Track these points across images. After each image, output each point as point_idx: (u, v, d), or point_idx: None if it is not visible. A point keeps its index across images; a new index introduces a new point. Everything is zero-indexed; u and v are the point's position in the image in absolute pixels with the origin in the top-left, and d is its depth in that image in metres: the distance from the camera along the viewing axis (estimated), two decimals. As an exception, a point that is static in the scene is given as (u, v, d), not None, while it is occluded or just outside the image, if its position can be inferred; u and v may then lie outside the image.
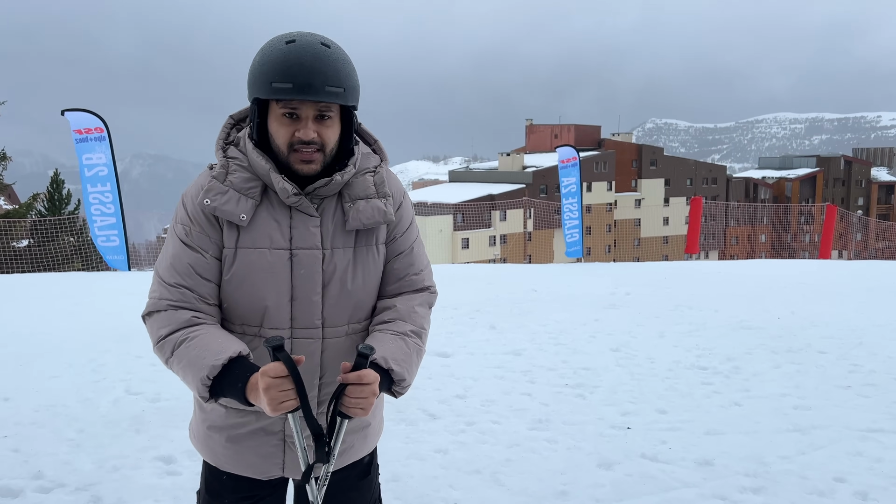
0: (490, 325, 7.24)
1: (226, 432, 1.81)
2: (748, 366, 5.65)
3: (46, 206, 22.05)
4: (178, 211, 1.76)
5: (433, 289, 1.93)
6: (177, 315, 1.69)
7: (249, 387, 1.58)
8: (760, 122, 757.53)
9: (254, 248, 1.70)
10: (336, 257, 1.74)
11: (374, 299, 1.85)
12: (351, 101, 1.68)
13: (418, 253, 1.91)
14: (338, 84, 1.62)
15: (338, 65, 1.62)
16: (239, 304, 1.74)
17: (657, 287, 9.90)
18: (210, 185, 1.70)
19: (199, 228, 1.71)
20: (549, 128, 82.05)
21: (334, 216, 1.75)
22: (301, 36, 1.63)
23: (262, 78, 1.61)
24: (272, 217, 1.71)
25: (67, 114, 12.48)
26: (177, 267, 1.71)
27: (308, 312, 1.73)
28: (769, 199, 78.84)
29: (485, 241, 59.75)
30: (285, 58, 1.59)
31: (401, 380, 1.72)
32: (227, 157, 1.74)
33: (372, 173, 1.80)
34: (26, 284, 11.02)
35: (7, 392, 5.05)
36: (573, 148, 16.06)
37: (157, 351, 1.71)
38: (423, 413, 4.61)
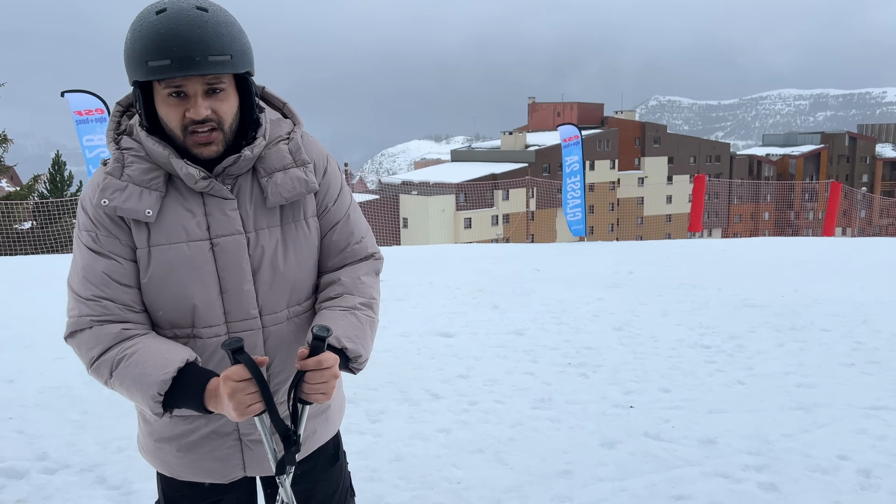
0: (493, 304, 7.23)
1: (176, 442, 1.68)
2: (751, 344, 5.64)
3: (48, 188, 22.05)
4: (80, 216, 1.58)
5: (378, 255, 1.80)
6: (103, 331, 1.53)
7: (208, 394, 1.48)
8: (764, 98, 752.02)
9: (168, 243, 1.55)
10: (262, 239, 1.60)
11: (313, 278, 1.72)
12: (242, 68, 1.49)
13: (356, 220, 1.77)
14: (222, 51, 1.43)
15: (219, 29, 1.44)
16: (165, 307, 1.58)
17: (660, 266, 9.88)
18: (105, 182, 1.52)
19: (106, 232, 1.54)
20: (552, 106, 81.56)
21: (252, 195, 1.60)
22: (172, 3, 1.43)
23: (137, 57, 1.43)
24: (183, 207, 1.55)
25: (67, 95, 12.41)
26: (90, 278, 1.54)
27: (241, 303, 1.60)
28: (773, 177, 78.51)
29: (487, 220, 59.68)
30: (157, 31, 1.41)
31: (357, 356, 1.62)
32: (120, 150, 1.56)
33: (286, 141, 1.64)
34: (29, 266, 11.05)
35: (11, 374, 5.08)
36: (575, 126, 15.97)
37: (92, 373, 1.56)
38: (426, 393, 4.61)
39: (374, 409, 4.33)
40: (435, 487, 3.37)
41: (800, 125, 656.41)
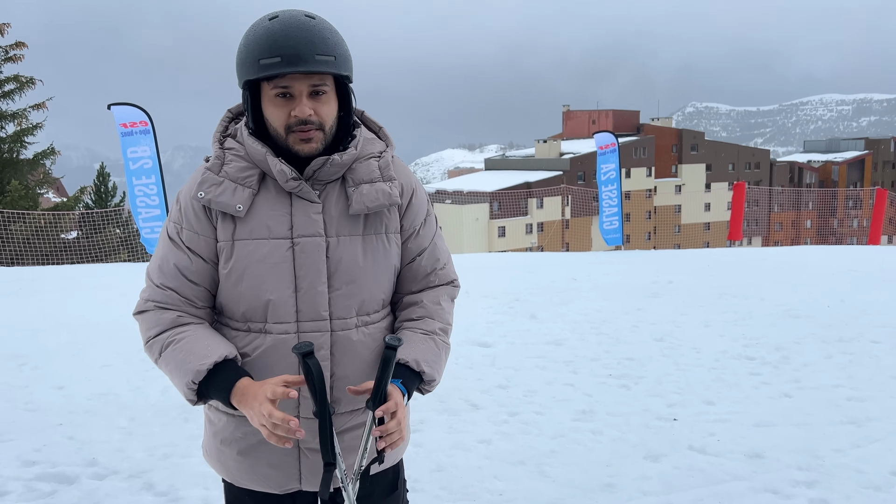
0: (530, 314, 7.20)
1: (236, 445, 1.73)
2: (798, 356, 5.51)
3: (93, 199, 22.65)
4: (172, 209, 1.71)
5: (457, 282, 1.88)
6: (163, 315, 1.66)
7: (235, 391, 1.56)
8: (805, 104, 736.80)
9: (251, 238, 1.63)
10: (342, 245, 1.67)
11: (386, 292, 1.77)
12: (344, 71, 1.60)
13: (441, 247, 1.85)
14: (327, 52, 1.55)
15: (325, 33, 1.57)
16: (241, 299, 1.67)
17: (700, 275, 9.72)
18: (204, 177, 1.65)
19: (190, 226, 1.66)
20: (587, 113, 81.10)
21: (337, 202, 1.67)
22: (283, 11, 1.58)
23: (249, 58, 1.56)
24: (270, 206, 1.64)
25: (113, 108, 12.74)
26: (164, 268, 1.67)
27: (314, 304, 1.65)
28: (815, 184, 76.77)
29: (521, 229, 59.48)
30: (270, 33, 1.54)
31: (431, 380, 1.72)
32: (223, 149, 1.69)
33: (377, 158, 1.73)
34: (75, 275, 11.34)
35: (61, 381, 5.21)
36: (611, 134, 15.85)
37: (146, 351, 1.69)
38: (465, 403, 4.60)
39: (414, 419, 4.33)
40: (477, 499, 3.36)
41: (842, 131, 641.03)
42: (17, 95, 20.18)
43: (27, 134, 20.30)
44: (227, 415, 1.74)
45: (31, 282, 10.46)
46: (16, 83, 20.09)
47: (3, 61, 20.14)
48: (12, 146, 20.25)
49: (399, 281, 1.81)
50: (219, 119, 1.77)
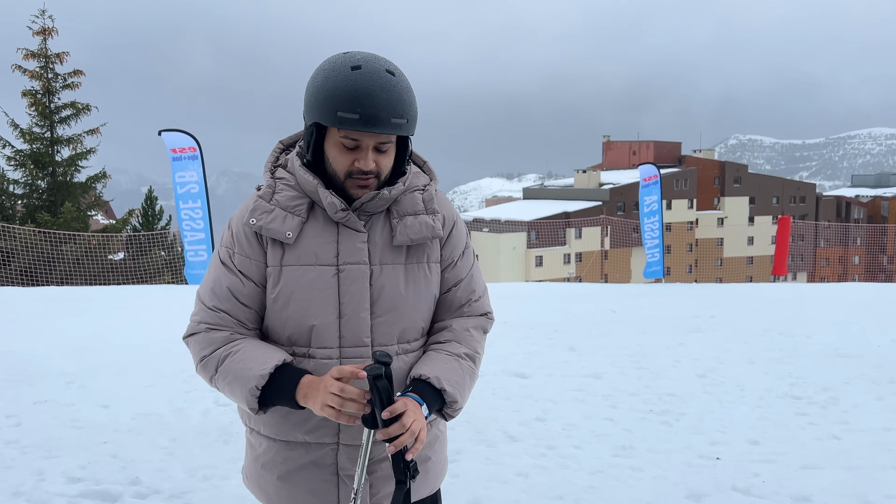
0: (569, 346, 7.13)
1: (276, 470, 1.76)
2: (846, 396, 5.34)
3: (141, 222, 23.28)
4: (224, 234, 1.77)
5: (491, 315, 1.90)
6: (215, 335, 1.71)
7: (302, 386, 1.60)
8: (853, 137, 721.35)
9: (299, 265, 1.68)
10: (385, 273, 1.71)
11: (425, 320, 1.81)
12: (412, 132, 1.67)
13: (477, 279, 1.89)
14: (402, 115, 1.60)
15: (403, 94, 1.61)
16: (287, 324, 1.71)
17: (744, 310, 9.53)
18: (256, 204, 1.71)
19: (241, 251, 1.71)
20: (627, 144, 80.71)
21: (382, 232, 1.73)
22: (366, 61, 1.60)
23: (327, 105, 1.59)
24: (318, 234, 1.70)
25: (164, 134, 13.16)
26: (216, 291, 1.72)
27: (356, 330, 1.69)
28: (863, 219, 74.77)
29: (559, 258, 59.09)
30: (352, 87, 1.56)
31: (453, 401, 1.69)
32: (274, 178, 1.75)
33: (421, 191, 1.78)
34: (122, 296, 11.64)
35: (106, 399, 5.33)
36: (654, 166, 15.75)
37: (200, 371, 1.72)
38: (502, 435, 4.56)
39: (451, 449, 4.31)
40: (514, 533, 3.31)
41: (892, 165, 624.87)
42: (74, 121, 20.97)
43: (81, 158, 21.06)
44: (268, 439, 1.77)
45: (79, 301, 10.77)
46: (72, 109, 20.89)
47: (61, 88, 20.98)
48: (67, 169, 21.01)
49: (435, 310, 1.84)
50: (264, 147, 1.82)
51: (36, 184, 21.04)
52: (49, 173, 20.93)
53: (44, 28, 20.67)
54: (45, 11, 20.74)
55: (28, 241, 16.70)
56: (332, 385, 1.53)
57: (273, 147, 1.83)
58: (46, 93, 20.79)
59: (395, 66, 1.64)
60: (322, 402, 1.54)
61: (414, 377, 1.69)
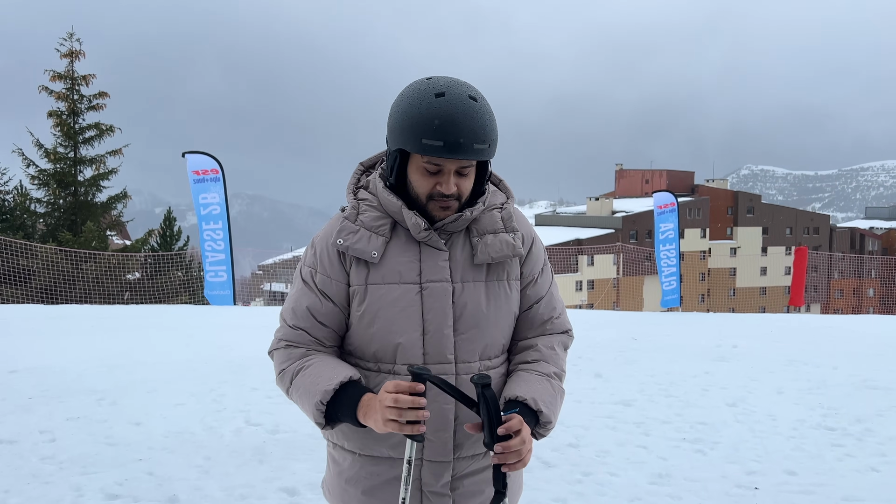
0: (595, 372, 7.10)
1: (361, 485, 1.78)
2: (881, 429, 5.29)
3: (159, 242, 23.47)
4: (307, 253, 1.80)
5: (571, 332, 1.92)
6: (293, 351, 1.76)
7: (361, 405, 1.60)
8: (866, 169, 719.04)
9: (384, 283, 1.72)
10: (467, 291, 1.74)
11: (506, 337, 1.83)
12: (493, 156, 1.70)
13: (556, 296, 1.90)
14: (484, 140, 1.63)
15: (485, 120, 1.63)
16: (372, 340, 1.74)
17: (765, 340, 9.46)
18: (342, 225, 1.74)
19: (324, 270, 1.75)
20: (640, 173, 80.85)
21: (463, 250, 1.76)
22: (449, 88, 1.63)
23: (412, 132, 1.62)
24: (401, 252, 1.73)
25: (187, 156, 13.34)
26: (297, 310, 1.77)
27: (440, 346, 1.71)
28: (878, 251, 74.21)
29: (571, 285, 58.90)
30: (436, 114, 1.59)
31: (547, 422, 1.70)
32: (357, 200, 1.79)
33: (499, 209, 1.82)
34: (144, 314, 11.71)
35: (138, 417, 5.35)
36: (671, 194, 15.77)
37: (279, 383, 1.77)
38: (537, 460, 4.54)
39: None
40: (556, 559, 3.29)
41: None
42: (97, 142, 21.29)
43: (103, 178, 21.34)
44: (352, 454, 1.79)
45: (101, 319, 10.84)
46: (96, 130, 21.22)
47: (86, 109, 21.34)
48: (89, 189, 21.28)
49: (516, 328, 1.86)
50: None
51: (58, 203, 21.31)
52: (71, 193, 21.21)
53: (71, 50, 21.09)
54: (73, 34, 21.18)
55: (49, 260, 16.87)
56: (386, 398, 1.54)
57: (354, 169, 1.88)
58: (71, 114, 21.15)
59: (477, 91, 1.66)
60: (382, 418, 1.54)
61: (509, 398, 1.69)
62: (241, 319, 10.93)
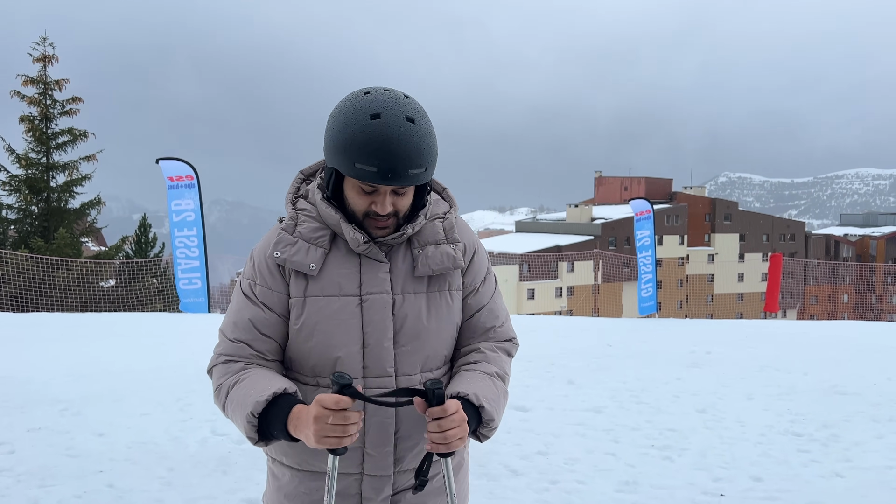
0: (567, 379, 7.10)
1: (300, 500, 1.74)
2: (847, 434, 5.34)
3: (133, 249, 23.18)
4: (246, 266, 1.76)
5: (516, 340, 1.89)
6: (232, 366, 1.70)
7: (292, 417, 1.53)
8: (841, 177, 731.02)
9: (322, 295, 1.68)
10: (407, 303, 1.71)
11: (448, 349, 1.80)
12: (430, 177, 1.64)
13: (499, 304, 1.88)
14: (420, 165, 1.58)
15: (422, 144, 1.57)
16: (311, 354, 1.70)
17: (739, 346, 9.54)
18: (280, 237, 1.70)
19: (264, 282, 1.70)
20: (619, 180, 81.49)
21: (403, 261, 1.73)
22: (386, 108, 1.55)
23: (345, 155, 1.57)
24: (341, 264, 1.69)
25: (161, 162, 13.19)
26: (238, 323, 1.72)
27: (380, 359, 1.68)
28: (852, 258, 75.41)
29: (551, 292, 59.13)
30: (369, 138, 1.53)
31: (490, 419, 1.66)
32: (296, 210, 1.75)
33: (441, 219, 1.78)
34: (116, 322, 11.54)
35: (102, 427, 5.25)
36: (647, 201, 15.88)
37: (215, 400, 1.71)
38: (504, 468, 4.52)
39: (453, 483, 4.26)
40: (520, 569, 3.26)
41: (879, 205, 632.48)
42: (70, 147, 21.00)
43: (76, 184, 21.02)
44: (290, 469, 1.75)
45: (72, 328, 10.67)
46: (69, 135, 20.93)
47: (59, 115, 21.04)
48: (61, 195, 20.96)
49: (458, 336, 1.83)
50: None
51: (30, 209, 20.97)
52: (43, 199, 20.87)
53: (44, 55, 20.80)
54: (45, 38, 20.90)
55: (20, 267, 16.58)
56: (313, 407, 1.48)
57: (293, 178, 1.83)
58: (44, 119, 20.84)
59: (416, 109, 1.59)
60: (312, 429, 1.47)
61: (450, 395, 1.65)
62: (214, 327, 10.70)
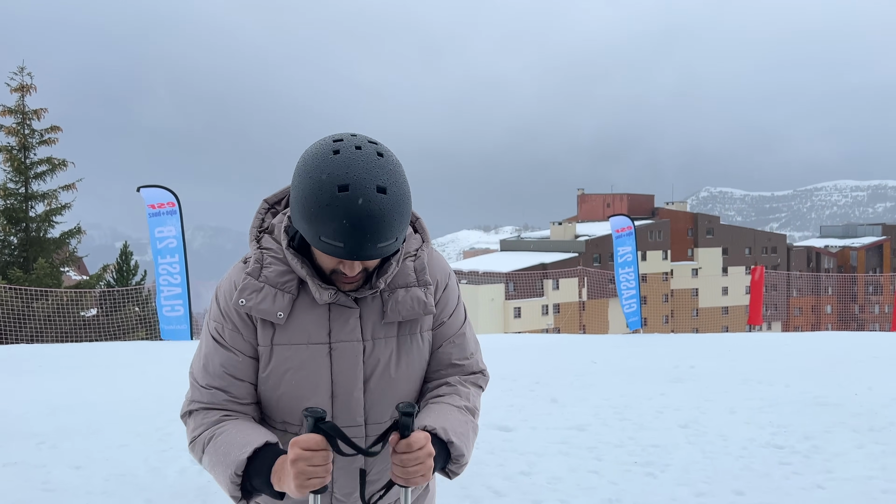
0: (551, 398, 7.09)
1: None
2: (828, 445, 5.36)
3: (115, 277, 22.96)
4: (212, 306, 1.68)
5: (486, 372, 1.84)
6: (208, 416, 1.62)
7: (275, 470, 1.47)
8: (820, 189, 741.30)
9: (290, 344, 1.61)
10: (377, 348, 1.65)
11: (418, 388, 1.75)
12: (400, 245, 1.52)
13: (469, 336, 1.81)
14: (391, 238, 1.46)
15: (393, 216, 1.44)
16: (279, 404, 1.65)
17: (722, 360, 9.59)
18: (245, 283, 1.60)
19: (232, 326, 1.63)
20: (602, 197, 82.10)
21: (372, 306, 1.65)
22: (355, 179, 1.41)
23: (310, 226, 1.45)
24: (309, 311, 1.61)
25: (142, 190, 13.13)
26: (209, 368, 1.64)
27: (349, 410, 1.64)
28: (833, 269, 76.27)
29: (537, 310, 59.18)
30: (336, 212, 1.40)
31: (459, 455, 1.60)
32: (261, 249, 1.64)
33: (413, 258, 1.69)
34: (95, 353, 11.39)
35: (79, 460, 5.16)
36: (627, 217, 16.01)
37: (191, 452, 1.64)
38: (487, 490, 4.49)
39: (436, 506, 4.23)
40: (502, 592, 3.24)
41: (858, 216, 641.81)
42: (49, 176, 20.85)
43: (56, 213, 20.85)
44: None
45: (51, 359, 10.51)
46: (48, 165, 20.79)
47: (37, 144, 20.92)
48: (41, 225, 20.77)
49: (427, 369, 1.77)
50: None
51: (8, 239, 20.74)
52: (22, 229, 20.67)
53: (22, 84, 20.72)
54: (23, 69, 20.83)
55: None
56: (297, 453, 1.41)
57: (257, 208, 1.71)
58: (22, 148, 20.70)
59: (388, 172, 1.45)
60: (297, 479, 1.40)
61: (419, 427, 1.60)
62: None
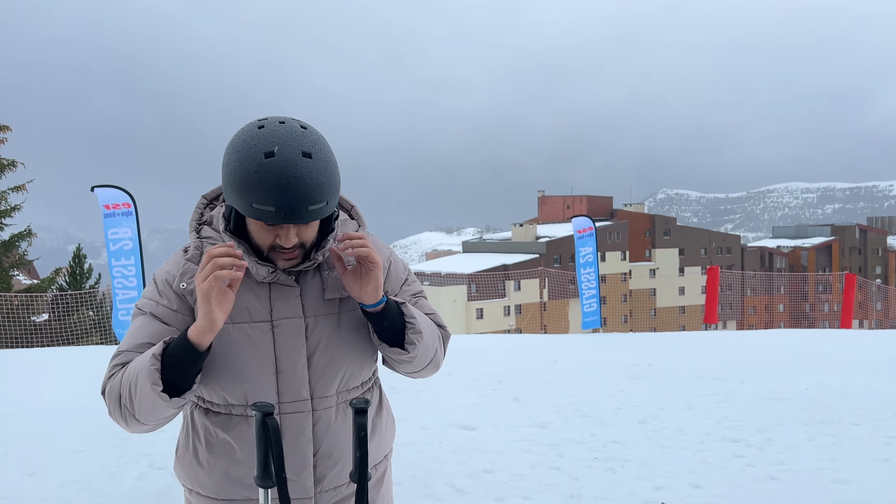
0: (513, 396, 7.15)
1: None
2: (781, 438, 5.53)
3: (68, 281, 22.35)
4: (147, 288, 1.70)
5: (447, 329, 1.87)
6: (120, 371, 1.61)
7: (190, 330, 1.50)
8: (772, 191, 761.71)
9: (232, 323, 1.63)
10: (319, 325, 1.68)
11: (366, 367, 1.77)
12: (333, 209, 1.58)
13: (425, 304, 1.87)
14: (321, 200, 1.51)
15: (321, 178, 1.50)
16: (222, 383, 1.65)
17: (679, 358, 9.79)
18: (185, 268, 1.66)
19: (167, 302, 1.65)
20: (562, 199, 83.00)
21: (313, 283, 1.70)
22: (281, 144, 1.48)
23: (241, 195, 1.50)
24: (250, 291, 1.65)
25: (97, 189, 12.81)
26: (136, 339, 1.63)
27: (294, 385, 1.66)
28: (785, 269, 78.43)
29: (499, 311, 59.53)
30: (264, 178, 1.46)
31: (411, 317, 1.66)
32: (200, 238, 1.70)
33: None
34: (47, 358, 11.09)
35: (32, 467, 5.03)
36: (589, 218, 16.23)
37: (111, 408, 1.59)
38: (450, 488, 4.52)
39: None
40: (465, 588, 3.26)
41: (808, 218, 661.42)
42: (-2, 178, 20.22)
43: (5, 216, 20.22)
44: (208, 499, 1.73)
45: (1, 365, 10.20)
46: (-4, 165, 20.16)
47: (-16, 144, 20.27)
48: (-11, 228, 20.13)
49: None
50: (192, 204, 1.77)
51: (-46, 243, 20.06)
52: (-31, 232, 20.01)
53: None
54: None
55: (-56, 303, 15.78)
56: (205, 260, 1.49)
57: (196, 203, 1.78)
58: (-32, 149, 20.05)
59: (313, 141, 1.52)
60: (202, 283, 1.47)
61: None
62: (153, 358, 10.49)
